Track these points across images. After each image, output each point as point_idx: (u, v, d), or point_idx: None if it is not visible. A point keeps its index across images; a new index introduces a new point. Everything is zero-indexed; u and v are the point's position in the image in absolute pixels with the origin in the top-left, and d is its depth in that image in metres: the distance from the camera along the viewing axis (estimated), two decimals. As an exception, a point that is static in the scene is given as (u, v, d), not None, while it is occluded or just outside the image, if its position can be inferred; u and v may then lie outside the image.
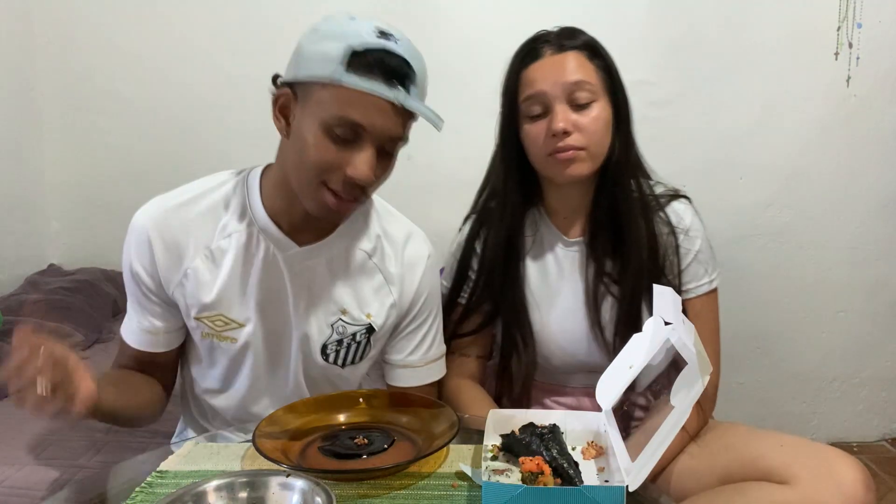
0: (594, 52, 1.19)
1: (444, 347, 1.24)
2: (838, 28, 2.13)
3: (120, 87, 2.21)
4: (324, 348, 1.13)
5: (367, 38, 0.93)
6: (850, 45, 2.13)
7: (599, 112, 1.16)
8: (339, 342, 1.13)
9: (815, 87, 2.17)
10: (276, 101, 1.02)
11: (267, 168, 1.11)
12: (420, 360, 1.19)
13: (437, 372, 1.22)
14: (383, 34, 0.95)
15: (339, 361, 1.15)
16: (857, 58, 2.14)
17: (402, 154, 1.02)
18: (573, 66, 1.16)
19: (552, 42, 1.19)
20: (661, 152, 1.28)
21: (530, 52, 1.19)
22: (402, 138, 1.00)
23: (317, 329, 1.12)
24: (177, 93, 2.21)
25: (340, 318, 1.12)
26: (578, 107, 1.15)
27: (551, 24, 1.25)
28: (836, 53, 2.14)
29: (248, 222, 1.08)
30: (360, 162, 0.96)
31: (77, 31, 2.20)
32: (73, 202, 2.29)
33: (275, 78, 1.03)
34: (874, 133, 2.20)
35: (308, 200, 1.01)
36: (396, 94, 0.94)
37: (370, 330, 1.14)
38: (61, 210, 2.29)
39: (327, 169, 0.97)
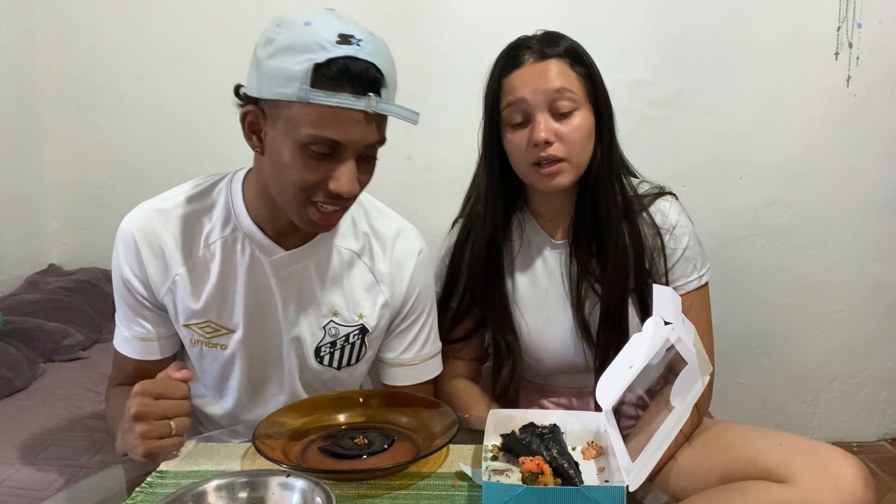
0: (576, 58, 1.18)
1: (439, 345, 1.24)
2: (838, 28, 2.13)
3: (120, 87, 2.21)
4: (317, 351, 1.13)
5: (328, 48, 0.89)
6: (850, 45, 2.13)
7: (581, 121, 1.15)
8: (333, 344, 1.13)
9: (815, 87, 2.17)
10: (243, 119, 0.99)
11: (249, 173, 1.10)
12: (414, 357, 1.19)
13: (432, 370, 1.22)
14: (344, 38, 0.90)
15: (335, 364, 1.14)
16: (857, 58, 2.14)
17: (402, 154, 1.02)
18: (554, 74, 1.15)
19: (533, 49, 1.17)
20: (660, 152, 1.29)
21: (511, 59, 1.18)
22: (380, 142, 0.98)
23: (309, 332, 1.11)
24: (177, 93, 2.21)
25: (332, 320, 1.12)
26: (560, 116, 1.15)
27: (551, 25, 1.24)
28: (836, 53, 2.14)
29: (232, 228, 1.08)
30: (342, 175, 0.95)
31: (77, 31, 2.20)
32: (72, 202, 2.29)
33: (237, 89, 1.00)
34: (874, 133, 2.20)
35: (294, 216, 1.00)
36: (368, 102, 0.91)
37: (363, 330, 1.13)
38: (61, 210, 2.30)
39: (309, 187, 0.96)
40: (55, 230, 2.31)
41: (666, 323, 0.92)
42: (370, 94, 0.91)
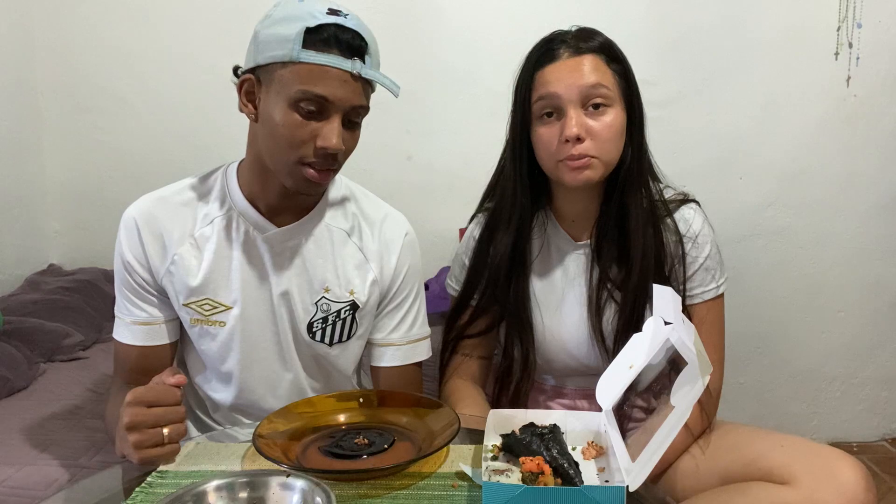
0: (611, 55, 1.16)
1: (427, 329, 1.25)
2: (838, 28, 2.13)
3: (120, 87, 2.21)
4: (310, 326, 1.15)
5: (319, 16, 0.98)
6: (850, 45, 2.13)
7: (613, 118, 1.14)
8: (325, 320, 1.16)
9: (815, 87, 2.17)
10: (240, 87, 1.06)
11: (243, 160, 1.16)
12: (402, 338, 1.21)
13: (420, 352, 1.23)
14: (333, 12, 1.00)
15: (326, 340, 1.17)
16: (857, 58, 2.14)
17: (402, 154, 1.03)
18: (589, 70, 1.13)
19: (569, 43, 1.15)
20: (660, 152, 1.28)
21: (546, 52, 1.16)
22: (364, 107, 1.05)
23: (301, 308, 1.15)
24: (177, 93, 2.21)
25: (324, 296, 1.15)
26: (592, 112, 1.13)
27: (551, 24, 1.24)
28: (836, 53, 2.14)
29: (227, 207, 1.13)
30: (329, 132, 1.01)
31: (77, 31, 2.19)
32: (73, 202, 2.29)
33: (235, 69, 1.08)
34: (874, 133, 2.20)
35: (287, 178, 1.05)
36: (353, 65, 0.99)
37: (354, 306, 1.16)
38: (61, 210, 2.29)
39: (299, 144, 1.01)
40: (55, 230, 2.31)
41: (666, 323, 0.92)
42: (356, 58, 1.00)
